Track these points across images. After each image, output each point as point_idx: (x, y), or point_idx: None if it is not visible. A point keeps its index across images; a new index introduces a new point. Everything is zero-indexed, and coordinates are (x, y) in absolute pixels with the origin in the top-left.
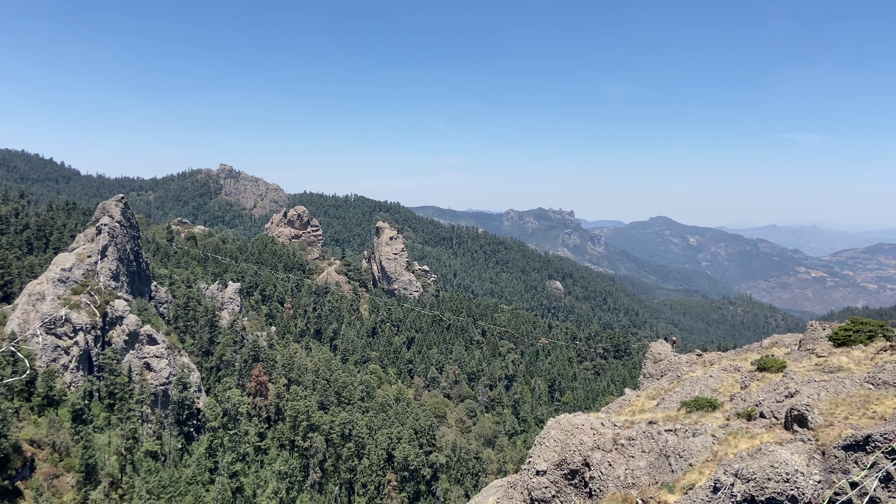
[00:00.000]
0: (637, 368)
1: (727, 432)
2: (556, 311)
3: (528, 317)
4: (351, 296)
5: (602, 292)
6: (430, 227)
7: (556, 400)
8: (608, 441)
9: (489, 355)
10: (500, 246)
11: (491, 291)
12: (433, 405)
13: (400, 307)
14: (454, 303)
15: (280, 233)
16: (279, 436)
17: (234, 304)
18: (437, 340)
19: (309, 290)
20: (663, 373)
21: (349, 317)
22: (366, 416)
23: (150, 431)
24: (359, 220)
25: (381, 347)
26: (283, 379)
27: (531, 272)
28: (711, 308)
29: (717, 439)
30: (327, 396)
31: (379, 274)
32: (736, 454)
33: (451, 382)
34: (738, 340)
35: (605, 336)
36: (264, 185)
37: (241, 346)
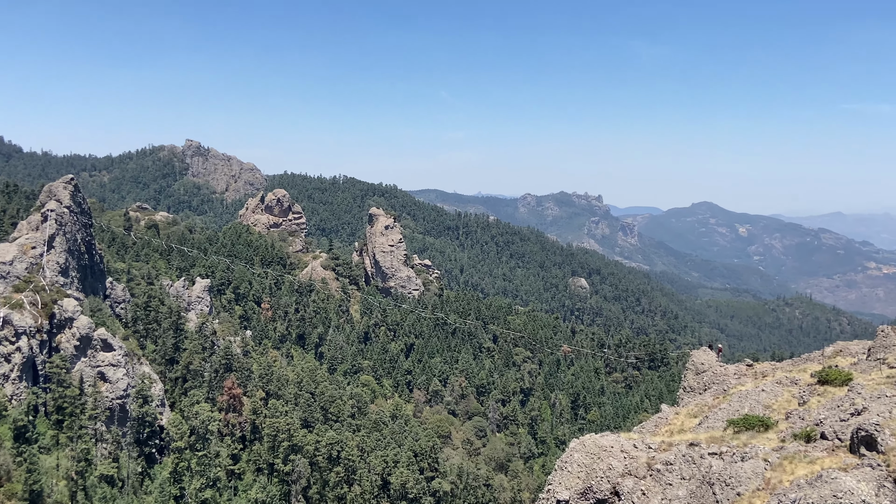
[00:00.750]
0: (676, 381)
1: (782, 456)
2: (580, 314)
3: (547, 320)
4: (339, 295)
5: (635, 291)
6: (432, 214)
7: (580, 418)
8: (641, 466)
9: (501, 365)
10: (514, 236)
11: (504, 290)
12: (436, 423)
13: (397, 308)
14: (461, 303)
15: (256, 220)
16: (256, 458)
17: (203, 304)
18: (441, 347)
19: (290, 288)
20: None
21: (337, 319)
22: (357, 435)
23: (106, 452)
24: (348, 205)
25: (374, 355)
26: (260, 392)
27: (551, 267)
28: (764, 310)
29: (771, 464)
30: (312, 412)
31: (372, 269)
32: (792, 482)
33: (457, 397)
34: (795, 348)
35: (638, 343)
36: (238, 165)
37: (212, 353)
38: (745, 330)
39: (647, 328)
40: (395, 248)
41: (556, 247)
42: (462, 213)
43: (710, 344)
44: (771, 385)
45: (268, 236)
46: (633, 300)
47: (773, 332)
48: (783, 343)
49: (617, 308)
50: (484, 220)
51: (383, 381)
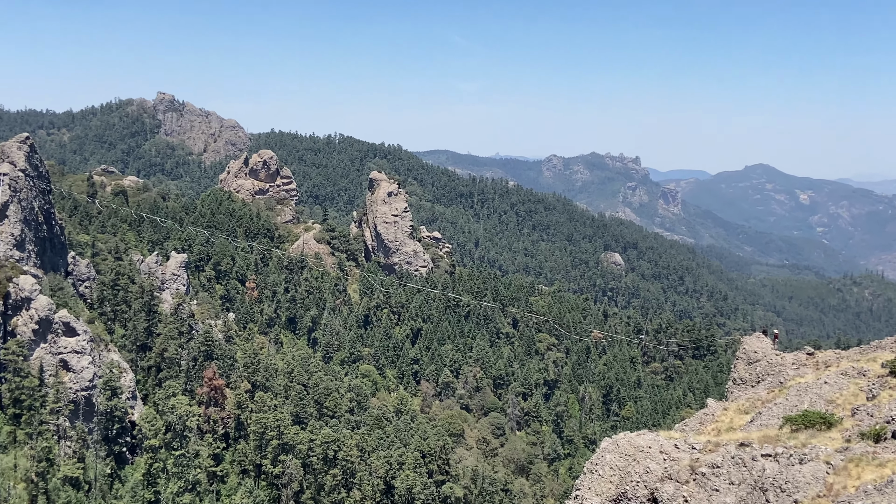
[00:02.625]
0: (724, 372)
1: (847, 458)
2: (614, 294)
3: (575, 301)
4: (335, 272)
5: (678, 268)
6: (442, 178)
7: (612, 414)
8: (684, 469)
9: (522, 354)
10: (538, 205)
11: (525, 267)
12: (447, 420)
13: (402, 288)
14: (475, 282)
15: (240, 186)
16: (240, 458)
17: (179, 283)
18: (453, 333)
19: (279, 265)
20: (760, 378)
21: (333, 300)
22: (356, 433)
23: (70, 451)
24: (346, 169)
25: (376, 342)
26: (245, 383)
27: (580, 241)
28: (828, 290)
29: (834, 467)
30: (305, 407)
31: (373, 243)
32: (858, 487)
33: (472, 389)
34: (863, 334)
35: (680, 328)
36: (218, 122)
37: (189, 338)
38: (806, 313)
39: (692, 311)
40: (400, 218)
41: (587, 217)
42: (477, 177)
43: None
44: (835, 377)
45: (253, 204)
46: (676, 279)
47: (839, 316)
48: (850, 328)
49: (656, 288)
50: (502, 185)
51: (386, 371)
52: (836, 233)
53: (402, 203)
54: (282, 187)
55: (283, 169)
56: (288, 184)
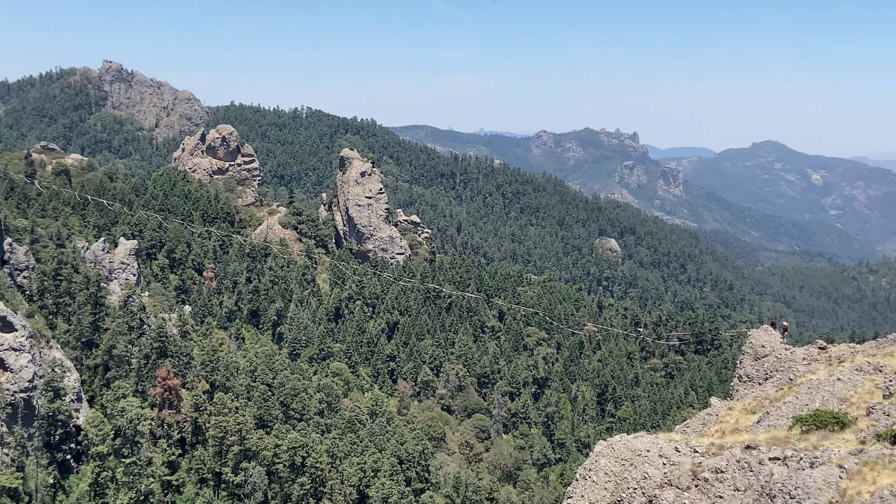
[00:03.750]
0: (729, 369)
1: (861, 461)
2: (609, 284)
3: (567, 292)
4: (303, 260)
5: (679, 255)
6: (422, 157)
7: (608, 415)
8: (685, 474)
9: (509, 349)
10: (526, 185)
11: (513, 254)
12: (426, 422)
13: (377, 277)
14: (458, 271)
15: (196, 165)
16: (198, 466)
17: (129, 272)
18: (433, 327)
19: (240, 252)
20: (768, 374)
21: (301, 291)
22: (327, 437)
23: (7, 459)
24: (314, 146)
25: (348, 337)
26: (203, 383)
27: (573, 225)
28: (842, 278)
29: (847, 471)
30: (269, 409)
31: (345, 228)
32: (874, 493)
33: (454, 389)
34: (880, 326)
35: (682, 321)
36: (171, 94)
37: (141, 334)
38: (818, 304)
39: (694, 302)
40: (374, 200)
41: (580, 199)
42: (460, 155)
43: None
44: (849, 373)
45: (211, 185)
46: (677, 266)
47: (854, 307)
48: (866, 320)
49: (656, 276)
50: (488, 164)
51: (359, 369)
52: (850, 216)
53: (376, 184)
54: (243, 166)
55: (245, 146)
56: (250, 162)
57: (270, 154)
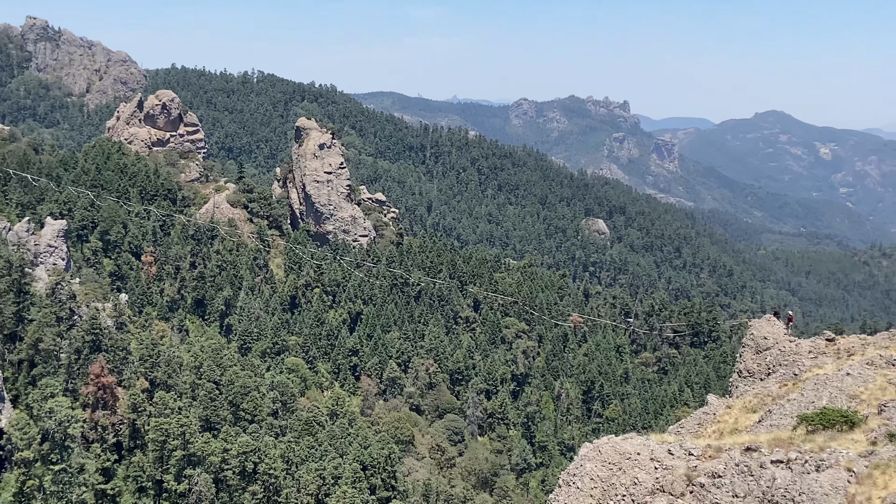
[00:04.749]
0: (728, 363)
1: (872, 464)
2: (597, 270)
3: (550, 279)
4: (254, 243)
5: (674, 238)
6: (387, 127)
7: (594, 414)
8: (679, 479)
9: (486, 342)
10: (504, 160)
11: (490, 236)
12: (393, 424)
13: (337, 262)
14: (428, 255)
15: (133, 136)
16: (136, 473)
17: (57, 256)
18: (400, 318)
19: (184, 234)
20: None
21: (252, 278)
22: (281, 441)
23: None
24: (267, 114)
25: (305, 329)
26: (141, 381)
27: (556, 204)
28: (852, 263)
29: (856, 475)
30: (217, 409)
31: (301, 207)
32: (885, 499)
33: (423, 387)
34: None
35: (677, 310)
36: (104, 55)
37: (71, 325)
38: (826, 291)
39: (690, 289)
40: (335, 176)
41: (564, 174)
42: (430, 126)
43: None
44: (859, 367)
45: (150, 158)
46: (671, 250)
47: (865, 295)
48: (878, 309)
49: (648, 261)
50: (461, 136)
51: (318, 365)
52: (862, 194)
53: (336, 157)
54: (186, 137)
55: (188, 114)
56: (194, 133)
57: (217, 123)
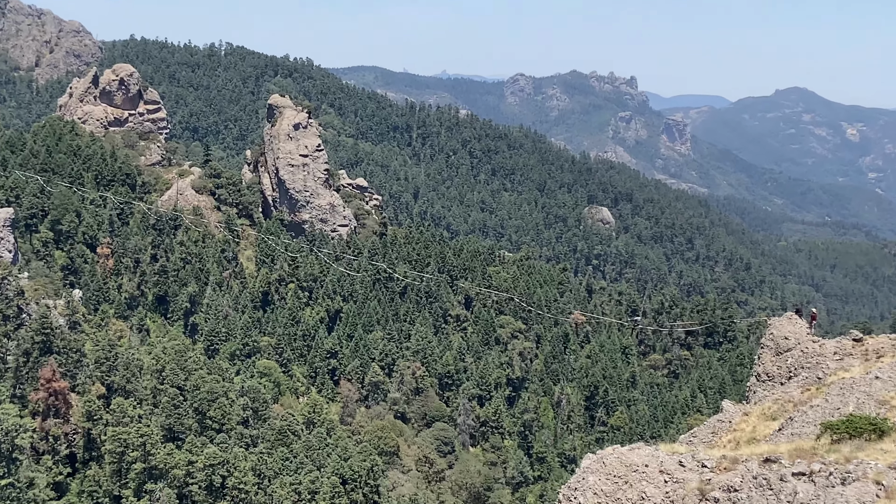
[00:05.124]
0: (745, 366)
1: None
2: (601, 263)
3: (550, 273)
4: (223, 234)
5: (686, 228)
6: (369, 105)
7: (598, 422)
8: (691, 494)
9: (478, 343)
10: (499, 141)
11: (483, 226)
12: (376, 433)
13: (315, 255)
14: (415, 247)
15: (87, 114)
16: (92, 488)
17: (4, 248)
18: (384, 316)
19: (144, 224)
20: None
21: (220, 272)
22: (253, 452)
23: None
24: (236, 91)
25: (279, 329)
26: (97, 386)
27: (556, 191)
28: (882, 256)
29: (886, 489)
30: (181, 417)
31: (275, 193)
32: None
33: (409, 392)
34: None
35: (689, 308)
36: (55, 25)
37: (18, 325)
38: (853, 286)
39: (704, 285)
40: (311, 159)
41: (565, 157)
42: (417, 104)
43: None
44: (889, 370)
45: (106, 140)
46: (683, 241)
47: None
48: None
49: (657, 254)
50: (451, 115)
51: (293, 368)
52: (893, 179)
53: (313, 139)
54: (146, 116)
55: (149, 91)
56: (155, 111)
57: (181, 101)
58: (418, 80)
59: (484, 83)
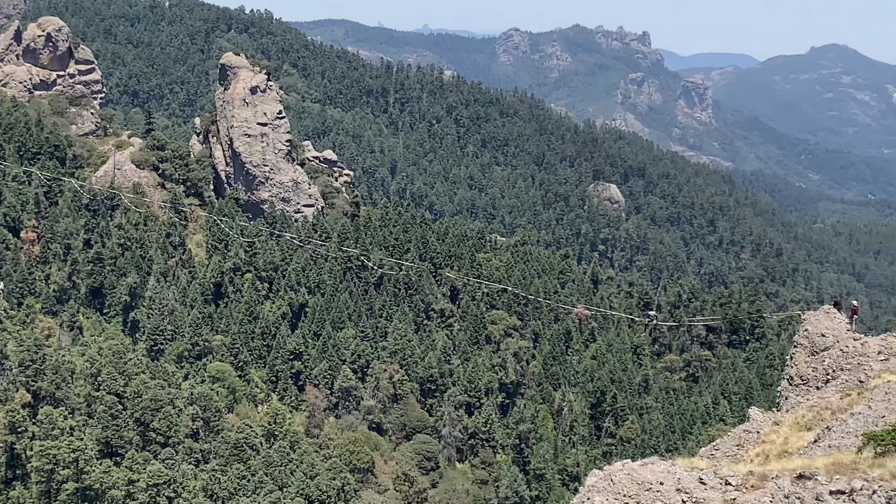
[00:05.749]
0: (776, 368)
1: None
2: (609, 249)
3: (549, 260)
4: (168, 216)
5: (707, 208)
6: (339, 66)
7: (606, 434)
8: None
9: (467, 342)
10: (490, 108)
11: (471, 206)
12: (347, 447)
13: (275, 241)
14: (392, 231)
15: (9, 76)
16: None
17: None
18: (356, 312)
19: (76, 204)
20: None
21: (165, 260)
22: (204, 470)
23: None
24: (183, 49)
25: (234, 326)
26: (21, 393)
27: (556, 165)
28: None
29: None
30: (120, 429)
31: (229, 168)
32: None
33: (386, 399)
34: None
35: (711, 301)
36: None
37: None
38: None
39: (727, 274)
40: (271, 128)
41: (567, 126)
42: (395, 64)
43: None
44: None
45: (31, 106)
46: (704, 224)
47: None
48: None
49: (674, 238)
50: (435, 76)
51: (251, 371)
52: None
53: (273, 104)
54: (78, 78)
55: (81, 48)
56: (88, 72)
57: (118, 60)
58: (396, 37)
59: (472, 40)
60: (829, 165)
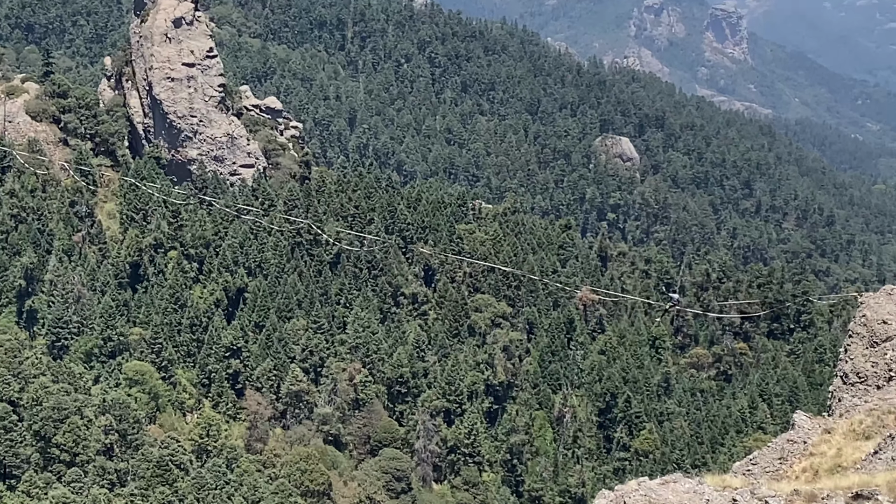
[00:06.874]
0: (827, 363)
1: None
2: (620, 218)
3: (546, 232)
4: (72, 179)
5: (742, 166)
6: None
7: (617, 446)
8: None
9: (445, 335)
10: (472, 43)
11: (450, 165)
12: (297, 465)
13: (206, 210)
14: (351, 197)
15: None
16: None
17: None
18: (307, 297)
19: None
20: (894, 371)
21: (69, 235)
22: (120, 494)
23: None
24: None
25: (156, 316)
26: None
27: (555, 114)
28: None
29: None
30: (15, 445)
31: (148, 120)
32: None
33: (346, 405)
34: None
35: (746, 282)
36: None
37: None
38: None
39: (766, 248)
40: (200, 70)
41: (567, 66)
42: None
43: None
44: None
45: None
46: (738, 186)
47: None
48: None
49: (701, 204)
50: (403, 4)
51: (177, 372)
52: None
53: (203, 40)
54: None
55: None
56: None
57: None
58: None
59: None
60: (891, 112)
